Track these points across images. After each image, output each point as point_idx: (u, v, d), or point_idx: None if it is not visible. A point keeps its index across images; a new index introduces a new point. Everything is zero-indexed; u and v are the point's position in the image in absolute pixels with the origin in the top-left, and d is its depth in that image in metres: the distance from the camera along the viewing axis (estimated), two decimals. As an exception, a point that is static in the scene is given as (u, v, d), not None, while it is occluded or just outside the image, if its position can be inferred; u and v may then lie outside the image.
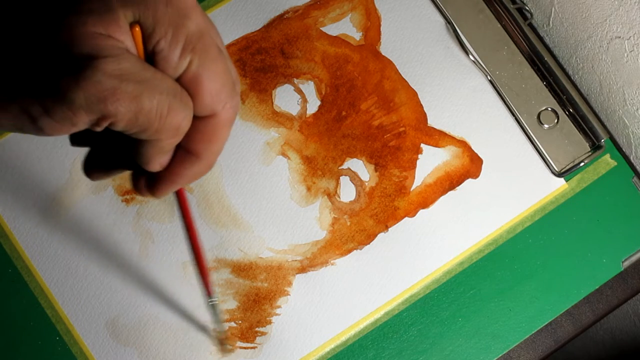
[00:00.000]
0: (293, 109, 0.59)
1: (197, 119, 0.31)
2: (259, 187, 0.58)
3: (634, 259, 0.58)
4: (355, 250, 0.57)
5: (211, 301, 0.48)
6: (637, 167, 0.63)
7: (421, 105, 0.60)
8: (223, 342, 0.54)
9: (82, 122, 0.27)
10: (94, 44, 0.27)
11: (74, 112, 0.27)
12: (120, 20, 0.27)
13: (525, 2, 0.64)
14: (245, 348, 0.54)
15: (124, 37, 0.28)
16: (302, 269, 0.56)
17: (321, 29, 0.61)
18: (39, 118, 0.27)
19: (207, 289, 0.47)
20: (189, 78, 0.29)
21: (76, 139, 0.33)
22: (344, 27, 0.61)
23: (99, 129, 0.28)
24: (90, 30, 0.27)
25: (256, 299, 0.55)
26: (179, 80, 0.29)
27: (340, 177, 0.58)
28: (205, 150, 0.32)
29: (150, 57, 0.29)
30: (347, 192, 0.58)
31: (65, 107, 0.26)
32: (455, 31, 0.62)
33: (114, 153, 0.33)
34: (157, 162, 0.31)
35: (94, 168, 0.34)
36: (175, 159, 0.32)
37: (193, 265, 0.44)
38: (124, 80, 0.27)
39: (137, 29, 0.28)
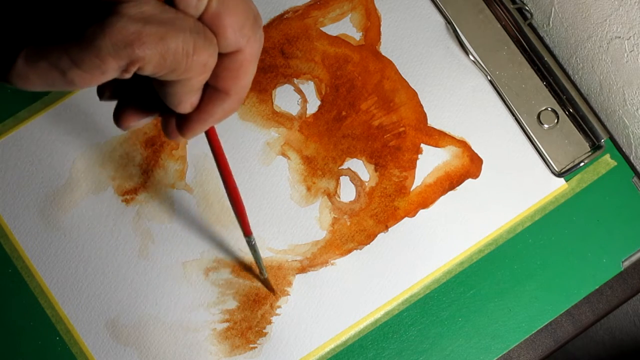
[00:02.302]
0: (293, 109, 0.59)
1: (222, 55, 0.31)
2: (259, 187, 0.58)
3: (634, 259, 0.58)
4: (355, 250, 0.57)
5: (251, 241, 0.49)
6: (637, 167, 0.63)
7: (421, 105, 0.60)
8: (266, 284, 0.55)
9: (112, 69, 0.27)
10: None
11: (102, 60, 0.27)
12: None
13: (525, 2, 0.64)
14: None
15: None
16: (302, 269, 0.56)
17: (321, 29, 0.61)
18: (68, 70, 0.27)
19: (245, 228, 0.47)
20: (210, 16, 0.30)
21: (103, 92, 0.34)
22: (344, 27, 0.61)
23: (128, 76, 0.28)
24: None
25: (256, 299, 0.56)
26: (200, 19, 0.30)
27: (340, 177, 0.58)
28: (234, 86, 0.32)
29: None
30: (347, 192, 0.58)
31: (94, 55, 0.27)
32: (455, 31, 0.62)
33: (144, 99, 0.33)
34: (188, 102, 0.31)
35: (124, 116, 0.34)
36: (205, 98, 0.32)
37: (231, 205, 0.44)
38: (147, 23, 0.27)
39: None
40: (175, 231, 0.57)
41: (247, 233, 0.48)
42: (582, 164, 0.59)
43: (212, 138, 0.38)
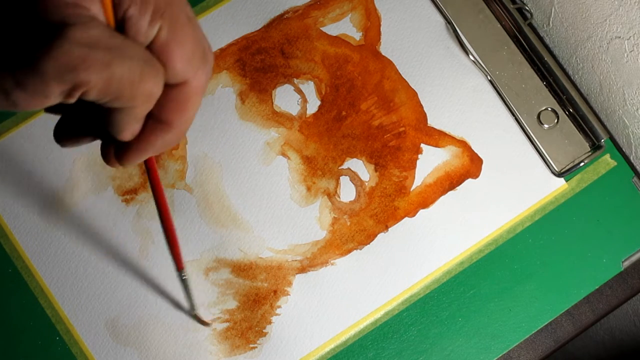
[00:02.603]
0: (293, 109, 0.59)
1: (168, 87, 0.30)
2: (259, 187, 0.58)
3: (634, 259, 0.58)
4: (355, 250, 0.57)
5: (182, 275, 0.48)
6: (637, 167, 0.63)
7: (421, 105, 0.60)
8: (198, 319, 0.54)
9: (55, 94, 0.27)
10: (62, 12, 0.27)
11: (46, 83, 0.26)
12: None
13: (525, 2, 0.64)
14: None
15: (92, 5, 0.28)
16: (302, 269, 0.56)
17: (321, 29, 0.61)
18: (11, 92, 0.27)
19: (178, 262, 0.46)
20: (159, 45, 0.29)
21: (50, 106, 0.33)
22: (344, 27, 0.61)
23: (71, 100, 0.27)
24: (57, 0, 0.27)
25: (256, 299, 0.56)
26: (149, 48, 0.29)
27: (340, 177, 0.58)
28: (177, 119, 0.31)
29: (121, 25, 0.29)
30: (347, 192, 0.58)
31: (37, 78, 0.26)
32: (455, 31, 0.61)
33: (84, 122, 0.33)
34: (130, 130, 0.31)
35: (64, 135, 0.34)
36: (146, 128, 0.31)
37: (164, 236, 0.44)
38: (93, 48, 0.26)
39: None
40: (175, 231, 0.57)
41: (179, 267, 0.47)
42: (582, 164, 0.59)
43: (150, 167, 0.38)
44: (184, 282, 0.49)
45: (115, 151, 0.33)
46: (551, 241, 0.58)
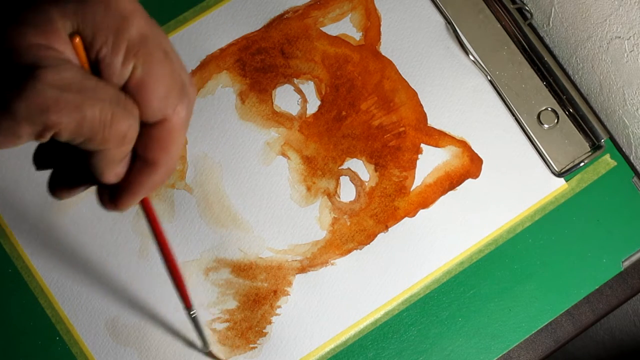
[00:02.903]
0: (293, 109, 0.59)
1: (149, 125, 0.30)
2: (259, 187, 0.58)
3: (634, 259, 0.58)
4: (355, 250, 0.57)
5: (192, 314, 0.47)
6: (637, 167, 0.63)
7: (421, 105, 0.60)
8: (212, 356, 0.54)
9: (26, 134, 0.27)
10: (35, 55, 0.27)
11: (17, 124, 0.26)
12: (59, 31, 0.27)
13: (525, 2, 0.64)
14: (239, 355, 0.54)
15: (64, 47, 0.28)
16: (302, 269, 0.56)
17: (321, 29, 0.61)
18: None
19: (186, 300, 0.46)
20: (134, 84, 0.29)
21: (40, 162, 0.33)
22: (344, 27, 0.61)
23: (43, 140, 0.28)
24: (30, 42, 0.27)
25: (256, 299, 0.56)
26: (125, 86, 0.29)
27: (340, 177, 0.58)
28: (162, 157, 0.31)
29: (95, 66, 0.29)
30: (347, 192, 0.58)
31: (8, 119, 0.26)
32: (455, 31, 0.61)
33: (76, 170, 0.33)
34: (111, 173, 0.31)
35: (58, 186, 0.34)
36: (133, 169, 0.31)
37: (169, 276, 0.43)
38: (65, 90, 0.27)
39: (77, 39, 0.28)
40: (175, 231, 0.57)
41: (187, 305, 0.46)
42: (582, 164, 0.59)
43: (146, 208, 0.37)
44: (194, 320, 0.48)
45: (110, 196, 0.33)
46: (551, 241, 0.58)
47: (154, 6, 0.61)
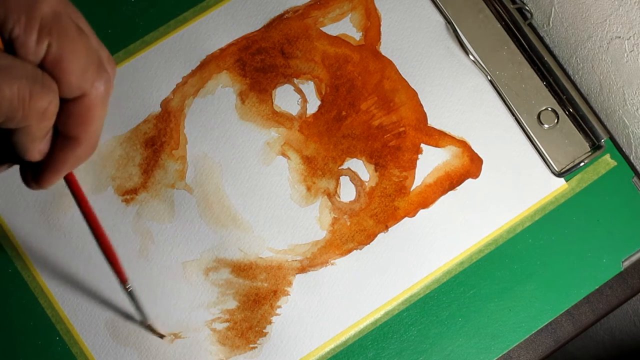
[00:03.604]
0: (293, 109, 0.59)
1: (68, 101, 0.30)
2: (259, 187, 0.58)
3: (634, 259, 0.58)
4: (355, 250, 0.57)
5: (128, 288, 0.47)
6: (637, 167, 0.63)
7: (421, 105, 0.60)
8: (151, 330, 0.54)
9: None
10: None
11: None
12: None
13: (525, 2, 0.64)
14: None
15: None
16: (302, 269, 0.56)
17: (321, 29, 0.61)
18: None
19: (120, 275, 0.46)
20: (50, 61, 0.29)
21: None
22: (344, 27, 0.61)
23: None
24: None
25: (256, 299, 0.56)
26: (42, 64, 0.29)
27: (340, 177, 0.58)
28: (83, 133, 0.31)
29: (10, 45, 0.29)
30: (347, 192, 0.58)
31: None
32: (455, 31, 0.62)
33: None
34: (35, 150, 0.31)
35: None
36: (55, 146, 0.32)
37: (101, 251, 0.43)
38: None
39: None
40: (175, 231, 0.57)
41: (122, 280, 0.46)
42: (582, 164, 0.59)
43: (72, 184, 0.37)
44: (131, 295, 0.48)
45: (32, 174, 0.33)
46: (551, 241, 0.58)
47: (154, 6, 0.61)
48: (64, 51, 0.29)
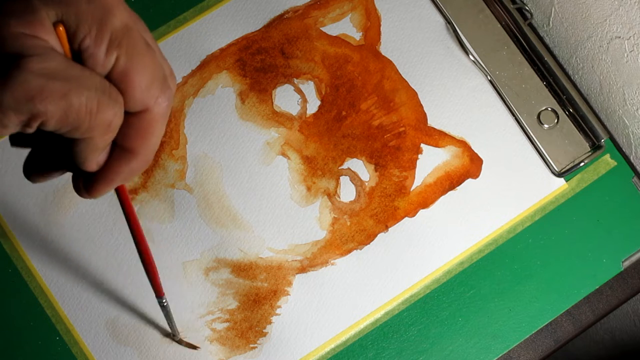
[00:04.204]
0: (293, 109, 0.59)
1: (130, 115, 0.31)
2: (259, 187, 0.58)
3: (634, 259, 0.58)
4: (355, 250, 0.57)
5: (163, 302, 0.48)
6: (637, 167, 0.63)
7: (421, 105, 0.60)
8: (182, 343, 0.54)
9: (13, 124, 0.27)
10: (19, 44, 0.27)
11: (3, 114, 0.26)
12: (43, 20, 0.28)
13: (525, 2, 0.64)
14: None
15: (48, 36, 0.28)
16: (302, 269, 0.56)
17: (321, 29, 0.61)
18: None
19: (158, 289, 0.46)
20: (117, 74, 0.29)
21: (16, 140, 0.33)
22: (344, 27, 0.61)
23: (30, 130, 0.28)
24: (14, 31, 0.27)
25: (256, 299, 0.56)
26: (108, 76, 0.29)
27: (340, 177, 0.58)
28: (141, 147, 0.31)
29: (78, 55, 0.29)
30: (347, 192, 0.58)
31: None
32: (455, 31, 0.62)
33: (53, 155, 0.33)
34: (94, 160, 0.31)
35: (34, 170, 0.34)
36: (111, 157, 0.32)
37: (142, 264, 0.44)
38: (50, 79, 0.27)
39: (61, 28, 0.28)
40: (175, 231, 0.57)
41: (159, 294, 0.47)
42: (582, 164, 0.59)
43: (122, 196, 0.37)
44: (165, 309, 0.49)
45: (84, 182, 0.33)
46: (551, 241, 0.58)
47: (154, 6, 0.61)
48: (131, 65, 0.29)
